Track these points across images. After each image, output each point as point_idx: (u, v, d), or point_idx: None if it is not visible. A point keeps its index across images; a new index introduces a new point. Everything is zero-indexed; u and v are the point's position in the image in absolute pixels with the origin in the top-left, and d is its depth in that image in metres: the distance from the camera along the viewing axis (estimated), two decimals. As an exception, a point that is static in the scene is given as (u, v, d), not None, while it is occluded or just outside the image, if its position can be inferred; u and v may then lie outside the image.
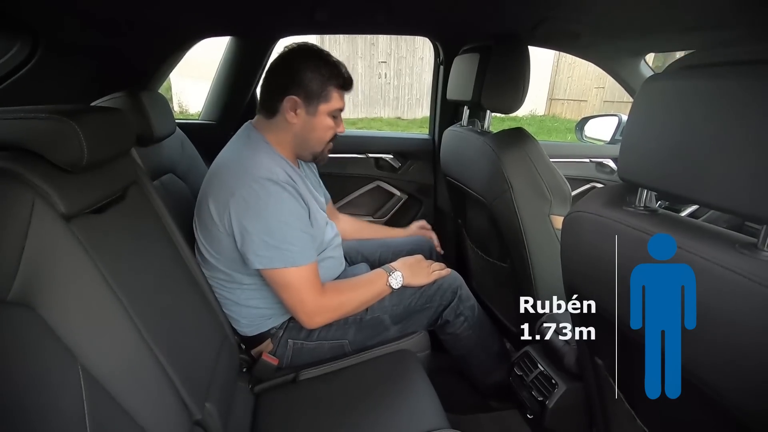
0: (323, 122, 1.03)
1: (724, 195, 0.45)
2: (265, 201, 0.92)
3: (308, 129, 1.03)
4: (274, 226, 0.92)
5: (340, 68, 1.02)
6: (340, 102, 1.04)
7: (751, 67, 0.44)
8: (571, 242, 0.71)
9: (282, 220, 0.93)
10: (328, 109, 1.02)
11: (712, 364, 0.49)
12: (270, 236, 0.92)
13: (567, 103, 8.23)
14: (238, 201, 0.92)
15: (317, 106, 1.01)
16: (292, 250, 0.94)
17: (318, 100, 1.00)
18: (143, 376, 0.67)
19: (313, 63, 0.99)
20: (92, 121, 0.68)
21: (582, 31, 1.37)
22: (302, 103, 1.00)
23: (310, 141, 1.05)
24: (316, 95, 1.00)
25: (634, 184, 0.59)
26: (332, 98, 1.01)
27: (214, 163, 1.03)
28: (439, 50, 1.65)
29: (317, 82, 0.99)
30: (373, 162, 1.79)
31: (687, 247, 0.49)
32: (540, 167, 1.07)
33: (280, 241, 0.93)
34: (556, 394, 0.99)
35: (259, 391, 1.03)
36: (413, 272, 1.12)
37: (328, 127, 1.04)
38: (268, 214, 0.92)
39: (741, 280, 0.43)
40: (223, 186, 0.95)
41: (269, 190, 0.92)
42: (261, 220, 0.92)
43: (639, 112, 0.57)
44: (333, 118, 1.04)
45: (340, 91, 1.03)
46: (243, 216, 0.92)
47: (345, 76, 1.03)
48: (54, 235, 0.59)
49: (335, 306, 1.03)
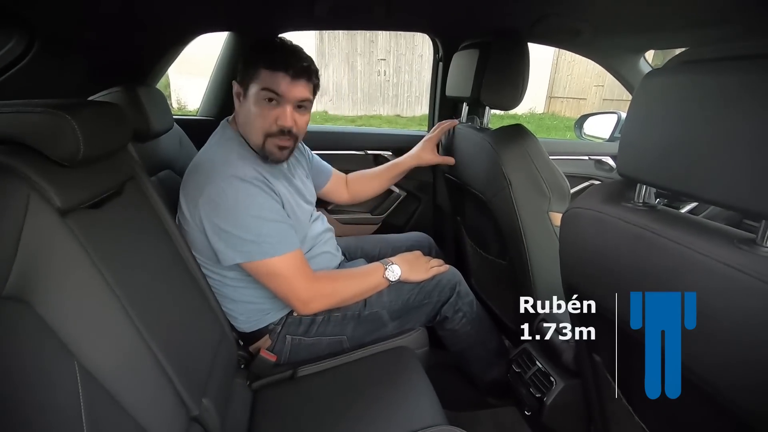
0: (252, 107, 0.96)
1: (722, 191, 0.45)
2: (234, 198, 0.91)
3: (244, 115, 0.99)
4: (248, 221, 0.91)
5: (277, 49, 0.95)
6: (269, 81, 0.93)
7: (750, 62, 0.44)
8: (569, 239, 0.70)
9: (254, 215, 0.92)
10: (257, 89, 0.94)
11: (712, 362, 0.49)
12: (246, 231, 0.91)
13: (566, 101, 8.23)
14: (206, 200, 0.91)
15: (248, 87, 0.96)
16: (269, 242, 0.93)
17: (249, 80, 0.95)
18: (140, 371, 0.67)
19: (257, 46, 0.97)
20: (89, 115, 0.68)
21: (582, 28, 1.37)
22: (240, 86, 0.98)
23: (248, 131, 0.99)
24: (248, 75, 0.95)
25: (633, 179, 0.58)
26: (260, 77, 0.94)
27: (192, 160, 1.01)
28: (438, 46, 1.64)
29: (251, 60, 0.95)
30: (371, 159, 1.79)
31: (685, 243, 0.49)
32: (539, 164, 1.07)
33: (256, 235, 0.92)
34: (554, 390, 1.00)
35: (257, 388, 1.04)
36: (411, 267, 1.12)
37: (259, 114, 0.95)
38: (239, 210, 0.91)
39: (740, 276, 0.43)
40: (194, 184, 0.94)
41: (237, 187, 0.91)
42: (233, 217, 0.91)
43: (638, 107, 0.57)
44: (268, 103, 0.95)
45: (272, 70, 0.93)
46: (214, 215, 0.91)
47: (279, 52, 0.94)
48: (50, 230, 0.59)
49: (329, 292, 1.03)
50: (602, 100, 7.63)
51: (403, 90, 8.01)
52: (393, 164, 1.46)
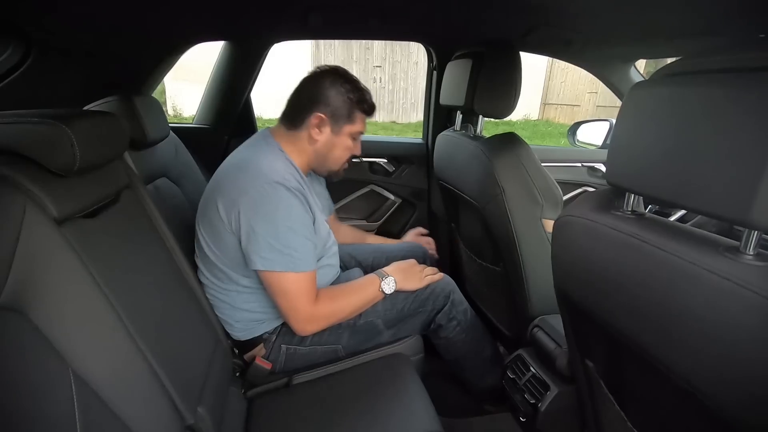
0: (344, 143, 1.08)
1: (707, 200, 0.46)
2: (275, 204, 0.93)
3: (329, 147, 1.07)
4: (280, 230, 0.94)
5: (366, 95, 1.08)
6: (362, 126, 1.10)
7: (733, 76, 0.45)
8: (561, 246, 0.71)
9: (288, 225, 0.94)
10: (352, 130, 1.07)
11: (699, 369, 0.49)
12: (275, 239, 0.93)
13: (560, 107, 8.31)
14: (248, 201, 0.93)
15: (342, 127, 1.06)
16: (294, 256, 0.95)
17: (344, 121, 1.05)
18: (135, 380, 0.67)
19: (344, 86, 1.04)
20: (85, 125, 0.68)
21: (573, 38, 1.39)
22: (329, 121, 1.04)
23: (329, 159, 1.10)
24: (344, 116, 1.05)
25: (621, 188, 0.59)
26: (357, 121, 1.07)
27: (226, 162, 1.05)
28: (432, 55, 1.66)
29: (346, 105, 1.04)
30: (367, 166, 1.80)
31: (672, 251, 0.50)
32: (532, 171, 1.08)
33: (284, 246, 0.94)
34: (548, 396, 1.00)
35: (252, 396, 1.03)
36: (406, 276, 1.13)
37: (348, 148, 1.10)
38: (277, 217, 0.93)
39: (724, 284, 0.44)
40: (236, 185, 0.96)
41: (280, 195, 0.94)
42: (269, 222, 0.93)
43: (626, 117, 0.58)
44: (353, 140, 1.10)
45: (368, 115, 1.10)
46: (252, 216, 0.93)
47: (370, 102, 1.09)
48: (45, 240, 0.59)
49: (327, 314, 1.04)
50: (596, 107, 7.70)
51: (398, 97, 8.05)
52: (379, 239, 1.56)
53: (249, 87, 1.63)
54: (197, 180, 1.37)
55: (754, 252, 0.45)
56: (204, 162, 1.47)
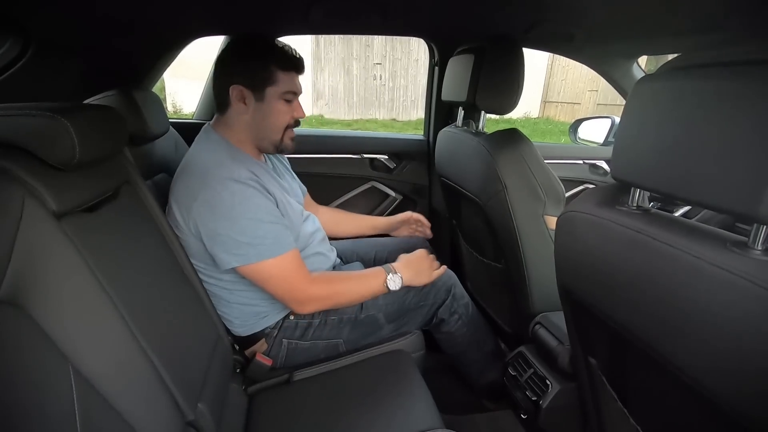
0: (275, 107, 1.00)
1: (714, 194, 0.45)
2: (230, 201, 0.90)
3: (260, 117, 1.00)
4: (243, 224, 0.91)
5: (282, 48, 0.98)
6: (289, 83, 0.99)
7: (740, 68, 0.45)
8: (564, 242, 0.71)
9: (250, 217, 0.92)
10: (277, 91, 0.98)
11: (704, 364, 0.49)
12: (241, 235, 0.91)
13: (561, 105, 8.30)
14: (201, 204, 0.90)
15: (264, 91, 0.98)
16: (265, 244, 0.93)
17: (263, 84, 0.97)
18: (135, 376, 0.66)
19: (251, 48, 0.98)
20: (85, 118, 0.68)
21: (575, 33, 1.38)
22: (248, 90, 0.97)
23: (265, 129, 1.02)
24: (262, 79, 0.97)
25: (626, 183, 0.59)
26: (279, 80, 0.98)
27: (179, 166, 1.01)
28: (434, 51, 1.66)
29: (259, 65, 0.96)
30: (368, 162, 1.79)
31: (678, 246, 0.49)
32: (534, 168, 1.08)
33: (252, 238, 0.92)
34: (549, 394, 1.00)
35: (253, 392, 1.03)
36: (416, 272, 1.10)
37: (281, 112, 1.01)
38: (236, 213, 0.91)
39: (732, 278, 0.44)
40: (186, 189, 0.94)
41: (233, 190, 0.91)
42: (229, 220, 0.91)
43: (631, 112, 0.57)
44: (286, 102, 1.01)
45: (286, 72, 0.99)
46: (209, 219, 0.91)
47: (289, 54, 0.99)
48: (45, 234, 0.59)
49: (325, 295, 1.03)
50: (596, 105, 7.70)
51: (398, 94, 8.04)
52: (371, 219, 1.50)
53: (249, 83, 1.62)
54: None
55: (762, 247, 0.44)
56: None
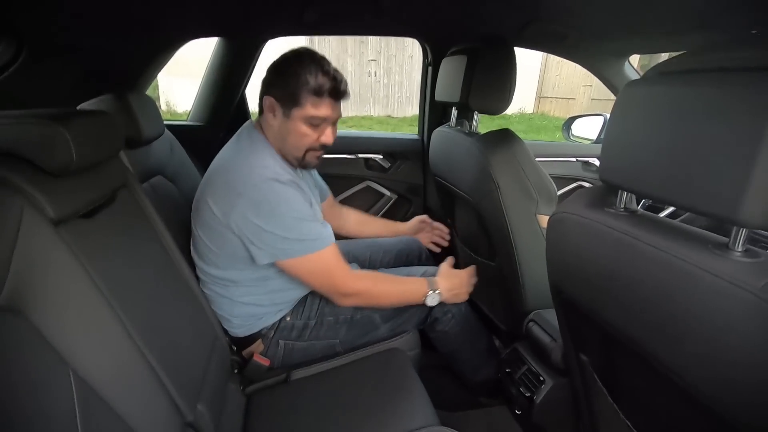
0: (297, 128, 0.99)
1: (697, 197, 0.47)
2: (276, 201, 0.94)
3: (284, 132, 1.01)
4: (289, 222, 0.95)
5: (321, 74, 0.96)
6: (316, 110, 0.97)
7: (723, 75, 0.46)
8: (555, 242, 0.72)
9: (295, 216, 0.96)
10: (302, 114, 0.98)
11: (690, 364, 0.51)
12: (288, 231, 0.96)
13: (555, 101, 8.32)
14: (246, 202, 0.93)
15: (291, 110, 0.98)
16: (310, 238, 0.98)
17: (291, 104, 0.97)
18: (134, 378, 0.67)
19: (296, 67, 0.97)
20: (81, 125, 0.68)
21: (568, 32, 1.40)
22: (277, 104, 0.99)
23: (287, 145, 1.02)
24: (290, 99, 0.97)
25: (614, 186, 0.60)
26: (305, 104, 0.96)
27: (216, 160, 1.04)
28: (428, 51, 1.66)
29: (293, 85, 0.96)
30: (363, 162, 1.80)
31: (663, 248, 0.51)
32: (526, 168, 1.09)
33: (298, 234, 0.97)
34: (543, 389, 1.02)
35: (251, 392, 1.04)
36: (455, 294, 1.16)
37: (303, 134, 1.00)
38: (282, 212, 0.95)
39: (713, 279, 0.45)
40: (229, 185, 0.96)
41: (277, 190, 0.94)
42: (276, 218, 0.94)
43: (618, 116, 0.58)
44: (312, 126, 1.00)
45: (318, 98, 0.96)
46: (255, 216, 0.93)
47: (323, 83, 0.96)
48: (43, 241, 0.59)
49: (367, 291, 1.07)
50: (591, 100, 7.71)
51: (393, 91, 8.03)
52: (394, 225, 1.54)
53: (244, 84, 1.62)
54: (193, 178, 1.37)
55: (742, 249, 0.46)
56: (199, 159, 1.47)
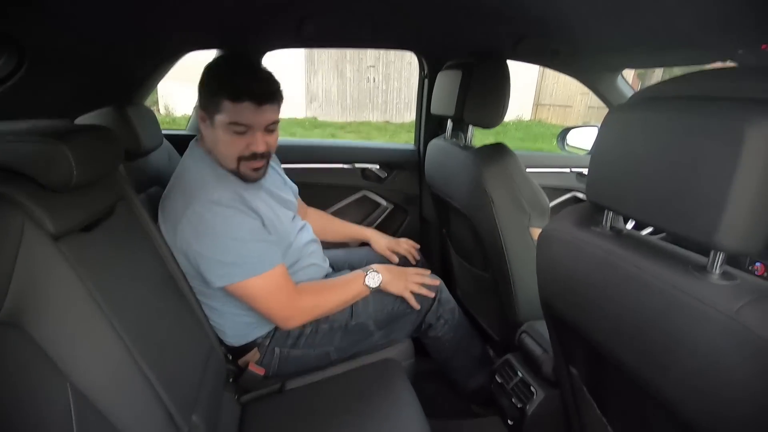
0: (221, 136, 0.94)
1: (676, 221, 0.48)
2: (212, 223, 0.91)
3: (213, 142, 0.97)
4: (226, 244, 0.92)
5: (238, 77, 0.90)
6: (236, 115, 0.91)
7: (703, 103, 0.48)
8: (544, 259, 0.74)
9: (233, 237, 0.92)
10: (223, 121, 0.92)
11: (671, 384, 0.52)
12: (225, 254, 0.92)
13: (552, 108, 8.37)
14: (186, 225, 0.92)
15: (213, 117, 0.93)
16: (250, 262, 0.94)
17: (212, 110, 0.93)
18: (131, 391, 0.68)
19: (216, 71, 0.93)
20: (82, 142, 0.70)
21: (560, 47, 1.42)
22: (204, 112, 0.95)
23: (218, 155, 0.98)
24: (211, 105, 0.92)
25: (599, 206, 0.62)
26: (225, 109, 0.90)
27: (170, 182, 1.01)
28: (424, 64, 1.69)
29: (210, 89, 0.92)
30: (359, 172, 1.82)
31: (645, 269, 0.53)
32: (519, 182, 1.11)
33: (236, 257, 0.93)
34: (534, 401, 1.03)
35: (246, 402, 1.05)
36: (393, 277, 1.12)
37: (227, 143, 0.94)
38: (218, 234, 0.91)
39: (691, 301, 0.47)
40: (173, 209, 0.95)
41: (214, 212, 0.91)
42: (212, 241, 0.92)
43: (604, 139, 0.60)
44: (237, 134, 0.93)
45: (236, 102, 0.90)
46: (193, 240, 0.92)
47: (241, 85, 0.89)
48: (43, 256, 0.61)
49: (310, 306, 1.04)
50: (588, 108, 7.76)
51: (392, 96, 8.07)
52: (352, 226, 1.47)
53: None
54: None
55: (719, 272, 0.48)
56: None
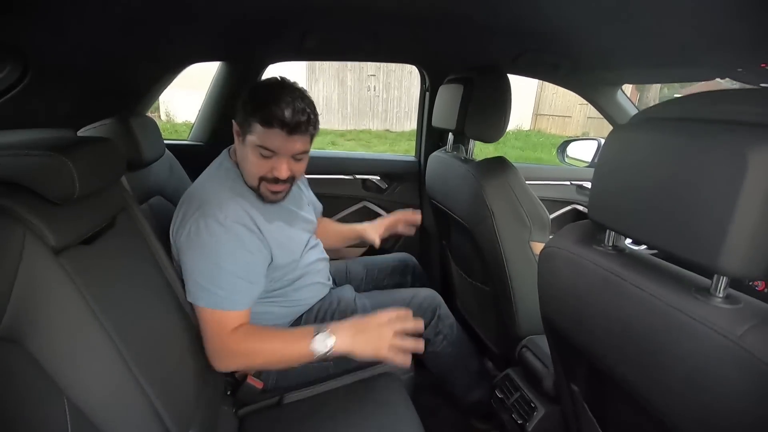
0: (248, 155, 0.95)
1: (678, 243, 0.48)
2: (206, 242, 0.90)
3: (242, 157, 0.98)
4: (209, 268, 0.91)
5: (275, 104, 0.89)
6: (265, 139, 0.91)
7: (708, 126, 0.48)
8: (546, 276, 0.74)
9: (214, 262, 0.91)
10: (253, 142, 0.93)
11: (672, 404, 0.52)
12: (202, 276, 0.91)
13: (552, 118, 8.43)
14: (183, 234, 0.92)
15: (246, 136, 0.94)
16: (219, 294, 0.91)
17: (246, 130, 0.94)
18: (128, 406, 0.68)
19: (256, 92, 0.95)
20: (84, 155, 0.70)
21: (560, 63, 1.43)
22: (239, 128, 0.97)
23: (244, 170, 0.99)
24: (245, 124, 0.94)
25: (601, 225, 0.62)
26: (255, 131, 0.91)
27: (190, 187, 1.02)
28: (425, 77, 1.70)
29: (247, 111, 0.93)
30: (360, 183, 1.82)
31: (647, 289, 0.53)
32: (520, 195, 1.12)
33: (210, 283, 0.91)
34: (535, 417, 1.02)
35: (244, 415, 1.04)
36: (363, 338, 0.93)
37: (253, 163, 0.95)
38: (205, 255, 0.91)
39: (694, 324, 0.47)
40: (183, 215, 0.95)
41: (211, 230, 0.90)
42: (198, 258, 0.91)
43: (606, 158, 0.61)
44: (263, 157, 0.93)
45: (266, 128, 0.90)
46: (184, 250, 0.93)
47: (274, 113, 0.89)
48: (44, 270, 0.60)
49: (245, 351, 0.94)
50: (587, 118, 7.82)
51: (392, 105, 8.12)
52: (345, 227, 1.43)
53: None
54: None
55: (723, 295, 0.48)
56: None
